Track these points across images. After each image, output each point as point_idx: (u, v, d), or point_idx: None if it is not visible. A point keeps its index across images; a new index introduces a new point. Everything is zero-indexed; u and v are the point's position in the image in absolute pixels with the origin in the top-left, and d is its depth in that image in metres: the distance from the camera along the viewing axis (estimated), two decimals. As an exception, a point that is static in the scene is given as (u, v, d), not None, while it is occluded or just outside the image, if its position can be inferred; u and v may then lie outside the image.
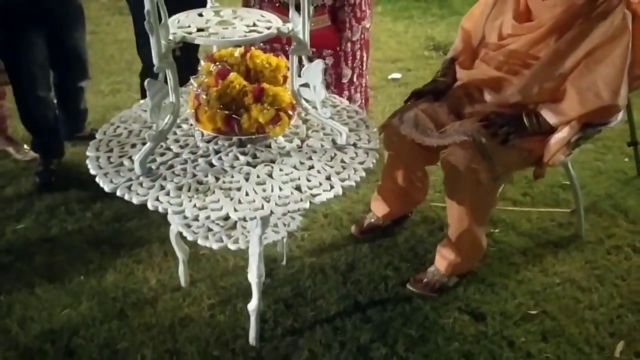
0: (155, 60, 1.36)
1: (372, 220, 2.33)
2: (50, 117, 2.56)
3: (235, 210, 1.34)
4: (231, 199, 1.37)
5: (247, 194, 1.39)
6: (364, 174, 1.49)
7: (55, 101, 2.63)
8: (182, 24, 1.47)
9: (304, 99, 1.56)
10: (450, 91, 2.08)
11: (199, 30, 1.43)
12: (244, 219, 1.34)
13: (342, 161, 1.53)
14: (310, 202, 1.38)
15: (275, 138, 1.58)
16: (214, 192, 1.39)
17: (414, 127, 1.97)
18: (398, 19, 4.85)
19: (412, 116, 1.99)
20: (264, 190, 1.40)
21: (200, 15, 1.55)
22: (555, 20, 1.82)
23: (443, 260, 2.05)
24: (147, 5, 1.30)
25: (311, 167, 1.50)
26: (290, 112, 1.57)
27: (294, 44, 1.48)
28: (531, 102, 1.89)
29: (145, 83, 1.36)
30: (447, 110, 2.02)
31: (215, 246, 1.67)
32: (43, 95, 2.47)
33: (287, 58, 1.54)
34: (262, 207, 1.35)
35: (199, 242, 1.70)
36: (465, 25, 2.17)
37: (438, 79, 2.13)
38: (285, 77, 1.61)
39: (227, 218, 1.35)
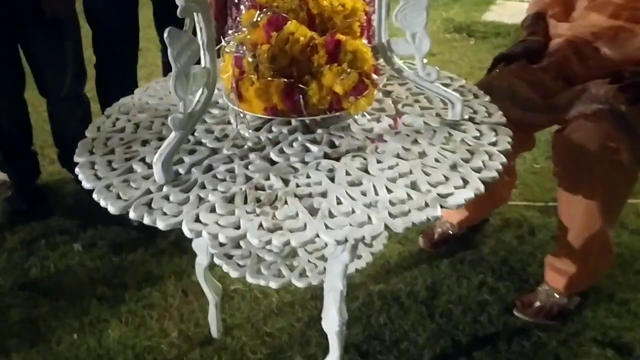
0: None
1: (444, 228, 1.82)
2: (21, 127, 2.01)
3: (328, 227, 0.82)
4: (316, 212, 0.85)
5: (339, 202, 0.87)
6: (504, 159, 0.98)
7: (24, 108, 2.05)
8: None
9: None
10: (547, 51, 1.59)
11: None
12: (344, 241, 0.81)
13: (464, 142, 1.02)
14: (440, 205, 0.87)
15: (356, 116, 1.07)
16: (285, 202, 0.87)
17: (509, 99, 1.47)
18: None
19: (505, 86, 1.49)
20: (364, 194, 0.88)
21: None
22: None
23: (558, 275, 1.54)
24: None
25: (423, 155, 0.98)
26: (376, 77, 1.05)
27: (384, -32, 0.97)
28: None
29: (166, 33, 0.84)
30: (553, 74, 1.52)
31: (274, 284, 1.14)
32: (7, 99, 1.91)
33: None
34: (370, 220, 0.83)
35: (249, 279, 1.16)
36: None
37: (527, 38, 1.64)
38: (362, 27, 1.10)
39: (311, 242, 0.82)
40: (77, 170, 0.97)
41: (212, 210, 0.85)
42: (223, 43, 1.06)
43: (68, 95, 1.90)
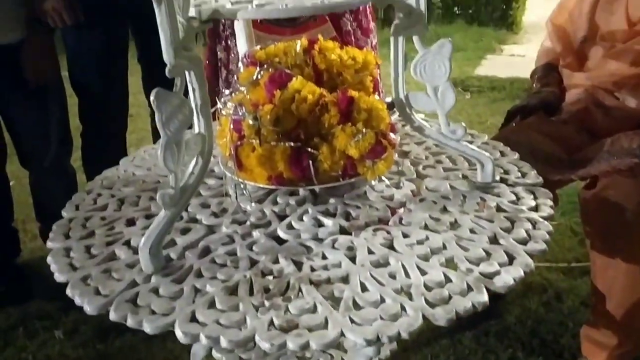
0: (167, 56, 0.72)
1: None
2: (1, 204, 1.84)
3: (354, 322, 0.66)
4: (338, 303, 0.69)
5: (364, 288, 0.72)
6: (550, 228, 0.84)
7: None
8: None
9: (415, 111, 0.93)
10: (565, 103, 1.49)
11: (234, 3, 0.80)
12: (375, 340, 0.65)
13: (501, 209, 0.88)
14: (486, 288, 0.72)
15: (373, 183, 0.93)
16: (300, 291, 0.71)
17: (530, 155, 1.34)
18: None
19: (525, 141, 1.37)
20: (393, 277, 0.73)
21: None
22: None
23: (598, 349, 1.37)
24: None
25: (455, 225, 0.84)
26: (393, 137, 0.93)
27: (400, 16, 0.86)
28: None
29: (153, 95, 0.71)
30: (575, 127, 1.41)
31: (285, 382, 0.97)
32: None
33: None
34: (404, 311, 0.68)
35: (255, 377, 0.99)
36: (556, 21, 1.60)
37: (542, 90, 1.54)
38: (375, 82, 0.98)
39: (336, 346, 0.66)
40: (49, 259, 0.82)
41: (211, 305, 0.70)
42: (219, 105, 0.93)
43: (52, 166, 1.76)
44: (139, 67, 1.91)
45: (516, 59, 4.25)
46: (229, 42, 1.55)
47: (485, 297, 0.70)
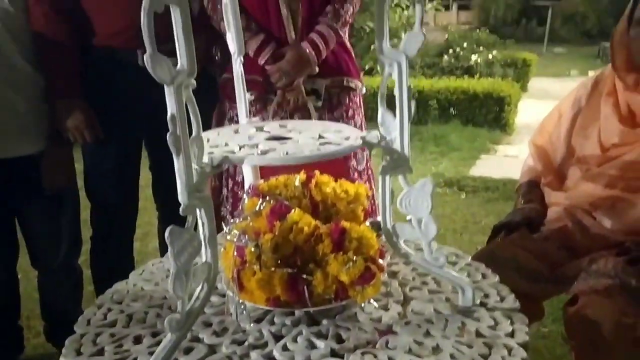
0: (181, 198, 0.83)
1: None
2: (9, 302, 1.90)
3: None
4: None
5: (351, 413, 0.78)
6: (525, 354, 0.91)
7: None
8: (214, 142, 0.96)
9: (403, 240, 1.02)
10: (547, 219, 1.59)
11: (242, 148, 0.92)
12: None
13: (479, 334, 0.96)
14: (464, 416, 0.78)
15: (363, 305, 1.02)
16: (292, 414, 0.78)
17: (515, 270, 1.44)
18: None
19: (509, 256, 1.46)
20: (379, 402, 0.80)
21: (237, 132, 1.06)
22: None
23: None
24: (171, 108, 0.80)
25: (437, 350, 0.91)
26: (381, 262, 1.02)
27: (387, 158, 0.98)
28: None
29: (167, 232, 0.81)
30: (555, 244, 1.50)
31: None
32: None
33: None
34: None
35: None
36: (537, 142, 1.74)
37: (525, 207, 1.65)
38: (365, 212, 1.09)
39: None
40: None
41: None
42: (225, 230, 1.03)
43: (60, 267, 1.85)
44: (145, 159, 1.99)
45: (509, 160, 4.43)
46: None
47: None
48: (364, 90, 1.92)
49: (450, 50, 6.97)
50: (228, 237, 1.01)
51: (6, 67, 1.61)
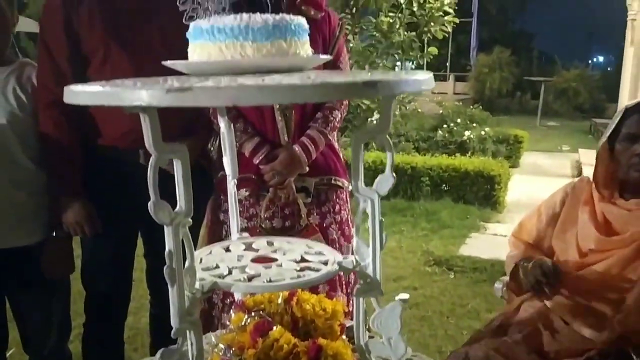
0: (174, 321, 0.94)
1: None
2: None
3: None
4: None
5: None
6: None
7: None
8: (206, 264, 1.08)
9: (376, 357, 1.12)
10: (520, 320, 1.68)
11: (231, 271, 1.04)
12: None
13: None
14: None
15: (337, 417, 1.10)
16: None
17: (486, 372, 1.52)
18: (388, 235, 4.62)
19: (480, 357, 1.55)
20: None
21: (228, 249, 1.17)
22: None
23: None
24: (168, 245, 0.91)
25: None
26: (356, 376, 1.11)
27: (360, 282, 1.09)
28: (636, 334, 1.49)
29: (159, 355, 0.91)
30: (525, 348, 1.59)
31: None
32: None
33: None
34: None
35: None
36: (519, 236, 1.84)
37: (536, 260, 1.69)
38: (342, 326, 1.19)
39: None
40: None
41: None
42: (213, 336, 1.13)
43: (52, 352, 1.90)
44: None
45: (498, 239, 4.52)
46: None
47: None
48: (350, 188, 2.05)
49: (445, 125, 7.21)
50: (215, 350, 1.11)
51: (9, 165, 1.68)
